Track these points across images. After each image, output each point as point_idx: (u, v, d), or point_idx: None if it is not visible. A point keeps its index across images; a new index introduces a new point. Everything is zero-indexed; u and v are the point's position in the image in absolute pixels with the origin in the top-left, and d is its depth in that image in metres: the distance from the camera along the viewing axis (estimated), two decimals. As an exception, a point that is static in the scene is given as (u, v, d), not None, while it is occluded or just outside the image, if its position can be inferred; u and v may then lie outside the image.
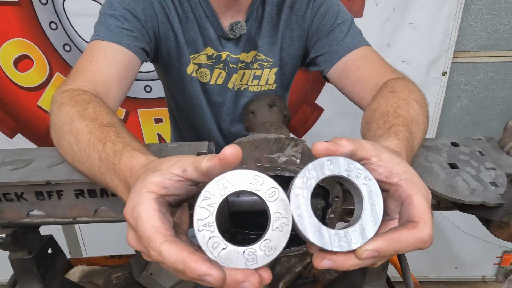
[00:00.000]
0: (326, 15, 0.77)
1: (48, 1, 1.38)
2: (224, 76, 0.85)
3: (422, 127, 0.52)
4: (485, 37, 1.53)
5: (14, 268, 0.63)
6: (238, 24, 0.78)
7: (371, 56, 0.73)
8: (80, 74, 0.62)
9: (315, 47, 0.79)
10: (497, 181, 0.51)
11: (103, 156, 0.43)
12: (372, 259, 0.31)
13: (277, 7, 0.80)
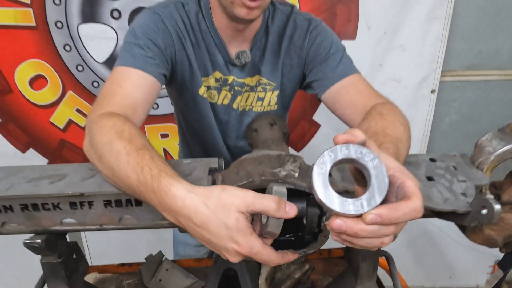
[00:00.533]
0: (321, 45, 0.87)
1: (63, 25, 1.48)
2: (230, 97, 0.95)
3: (406, 145, 0.61)
4: (471, 57, 1.64)
5: (45, 270, 0.70)
6: (244, 53, 0.88)
7: (360, 83, 0.83)
8: (111, 98, 0.70)
9: (311, 73, 0.89)
10: (466, 191, 0.60)
11: (141, 179, 0.52)
12: (377, 227, 0.37)
13: (278, 38, 0.90)
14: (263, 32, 0.90)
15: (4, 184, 0.62)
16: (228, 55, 0.89)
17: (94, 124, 0.64)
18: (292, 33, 0.89)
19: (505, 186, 0.75)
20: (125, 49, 0.79)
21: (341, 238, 0.41)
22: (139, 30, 0.80)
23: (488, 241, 0.70)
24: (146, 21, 0.82)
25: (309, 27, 0.88)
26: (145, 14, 0.84)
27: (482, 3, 1.54)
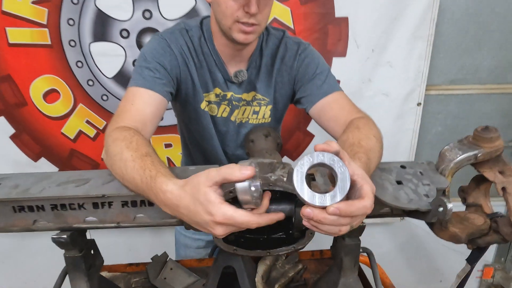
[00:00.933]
0: (309, 66, 0.99)
1: (76, 44, 1.61)
2: (228, 111, 1.06)
3: (377, 155, 0.72)
4: (453, 73, 1.77)
5: (67, 263, 0.80)
6: (241, 72, 1.00)
7: (342, 100, 0.94)
8: (125, 115, 0.82)
9: (300, 90, 1.01)
10: (429, 193, 0.71)
11: (143, 179, 0.63)
12: (336, 218, 0.49)
13: (271, 59, 1.02)
14: (258, 53, 1.02)
15: (37, 188, 0.73)
16: (227, 73, 1.01)
17: (109, 137, 0.75)
18: (284, 55, 1.01)
19: (470, 190, 0.86)
20: (137, 71, 0.91)
21: (310, 223, 0.52)
22: (149, 54, 0.93)
23: (453, 237, 0.81)
24: (154, 46, 0.94)
25: (298, 50, 1.00)
26: (154, 39, 0.96)
27: (461, 23, 1.67)
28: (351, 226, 0.52)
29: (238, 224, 0.53)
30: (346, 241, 0.83)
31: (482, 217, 0.82)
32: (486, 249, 0.85)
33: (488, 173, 0.76)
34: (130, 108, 0.84)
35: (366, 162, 0.65)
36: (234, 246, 0.78)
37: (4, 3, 1.52)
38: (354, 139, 0.73)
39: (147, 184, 0.61)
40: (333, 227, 0.51)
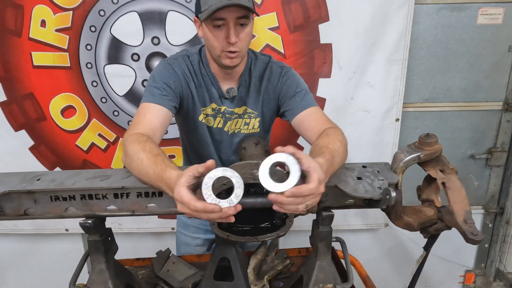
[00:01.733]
0: (291, 86, 1.19)
1: (92, 66, 1.83)
2: (222, 122, 1.26)
3: (340, 155, 0.91)
4: (427, 92, 1.98)
5: (90, 246, 0.97)
6: (232, 89, 1.21)
7: (317, 113, 1.14)
8: (138, 125, 1.02)
9: (284, 105, 1.21)
10: (382, 186, 0.89)
11: (156, 172, 0.82)
12: (292, 199, 0.67)
13: (259, 79, 1.23)
14: (248, 74, 1.22)
15: (70, 181, 0.92)
16: (221, 91, 1.21)
17: (127, 142, 0.95)
18: (270, 76, 1.22)
19: (423, 188, 1.04)
20: (147, 90, 1.12)
21: (276, 205, 0.70)
22: (157, 76, 1.14)
23: (407, 225, 0.98)
24: (162, 70, 1.16)
25: (281, 72, 1.21)
26: (161, 64, 1.18)
27: (432, 49, 1.89)
28: (307, 205, 0.70)
29: (184, 202, 0.69)
30: (320, 229, 0.99)
31: (433, 209, 1.00)
32: (438, 236, 1.02)
33: (431, 171, 0.95)
34: (142, 120, 1.04)
35: (329, 159, 0.84)
36: (227, 233, 0.95)
37: (31, 31, 1.75)
38: (323, 143, 0.93)
39: (158, 175, 0.80)
40: (292, 206, 0.69)
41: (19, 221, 2.12)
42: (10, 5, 1.71)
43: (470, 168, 2.13)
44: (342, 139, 0.98)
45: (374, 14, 1.76)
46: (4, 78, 1.84)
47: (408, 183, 1.05)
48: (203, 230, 1.49)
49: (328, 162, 0.83)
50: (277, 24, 1.78)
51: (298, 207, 0.70)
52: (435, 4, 1.82)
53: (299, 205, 0.70)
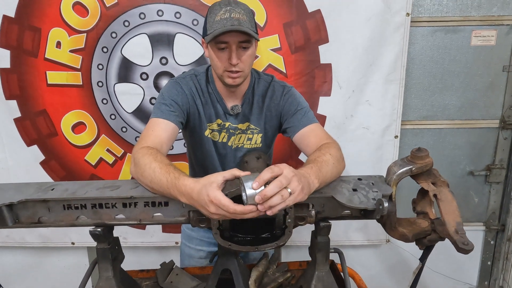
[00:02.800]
0: (292, 104, 1.26)
1: (103, 84, 1.92)
2: (227, 137, 1.32)
3: (330, 166, 0.97)
4: (425, 110, 2.04)
5: (98, 254, 1.02)
6: (236, 106, 1.28)
7: (317, 130, 1.20)
8: (147, 138, 1.09)
9: (285, 122, 1.27)
10: (376, 197, 0.94)
11: (169, 180, 0.88)
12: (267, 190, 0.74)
13: (262, 97, 1.30)
14: (251, 93, 1.30)
15: (82, 191, 0.98)
16: (226, 107, 1.28)
17: (138, 153, 1.01)
18: (272, 94, 1.29)
19: (417, 201, 1.08)
20: (156, 107, 1.20)
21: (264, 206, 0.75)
22: (166, 94, 1.22)
23: (402, 236, 1.02)
24: (170, 88, 1.24)
25: (283, 91, 1.28)
26: (170, 82, 1.26)
27: (428, 69, 1.97)
28: (290, 193, 0.76)
29: (222, 206, 0.76)
30: (318, 239, 1.04)
31: (427, 221, 1.04)
32: (432, 248, 1.05)
33: (424, 183, 0.99)
34: (151, 134, 1.11)
35: (316, 170, 0.92)
36: (229, 242, 1.00)
37: (47, 51, 1.86)
38: (313, 156, 1.02)
39: (172, 182, 0.87)
40: (274, 198, 0.75)
41: (27, 234, 2.17)
42: (29, 28, 1.82)
43: (469, 185, 2.16)
44: (333, 152, 1.04)
45: (372, 36, 1.84)
46: (19, 96, 1.93)
47: (408, 197, 1.09)
48: (207, 243, 1.53)
49: (316, 172, 0.91)
50: (279, 45, 1.87)
51: (282, 195, 0.75)
52: (430, 27, 1.91)
53: (280, 193, 0.75)
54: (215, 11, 1.11)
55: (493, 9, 1.88)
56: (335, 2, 1.80)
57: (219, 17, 1.09)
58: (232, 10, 1.09)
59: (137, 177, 0.99)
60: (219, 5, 1.12)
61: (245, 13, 1.12)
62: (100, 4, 1.79)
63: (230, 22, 1.07)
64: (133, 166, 1.02)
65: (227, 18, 1.08)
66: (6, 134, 1.99)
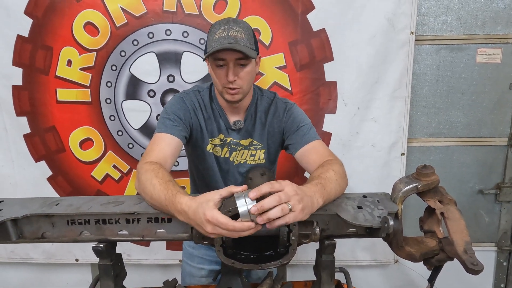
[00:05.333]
0: (294, 121, 1.27)
1: (111, 101, 1.95)
2: (229, 152, 1.32)
3: (333, 183, 0.97)
4: (431, 127, 2.02)
5: (100, 270, 1.01)
6: (239, 122, 1.29)
7: (319, 147, 1.20)
8: (151, 153, 1.10)
9: (288, 138, 1.28)
10: (381, 215, 0.93)
11: (167, 197, 0.88)
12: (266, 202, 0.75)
13: (264, 114, 1.31)
14: (254, 109, 1.30)
15: (86, 206, 0.98)
16: (228, 122, 1.29)
17: (141, 169, 1.02)
18: (275, 111, 1.30)
19: (424, 219, 1.06)
20: (160, 121, 1.22)
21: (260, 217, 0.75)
22: (169, 109, 1.24)
23: (409, 256, 0.99)
24: (174, 103, 1.26)
25: (286, 108, 1.29)
26: (174, 98, 1.28)
27: (434, 86, 1.97)
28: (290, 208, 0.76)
29: (220, 224, 0.76)
30: (323, 258, 1.02)
31: (435, 240, 1.01)
32: (441, 268, 1.02)
33: (430, 201, 0.97)
34: (155, 148, 1.12)
35: (320, 188, 0.91)
36: (232, 260, 0.98)
37: (58, 69, 1.91)
38: (316, 173, 1.01)
39: (169, 199, 0.86)
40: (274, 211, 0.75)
41: (31, 250, 2.17)
42: (41, 47, 1.88)
43: (479, 204, 2.12)
44: (336, 168, 1.03)
45: (376, 54, 1.86)
46: (29, 112, 1.97)
47: (414, 216, 1.07)
48: (208, 261, 1.51)
49: (320, 189, 0.90)
50: (284, 63, 1.89)
51: (281, 209, 0.75)
52: (435, 45, 1.92)
53: (280, 207, 0.75)
54: (215, 30, 1.14)
55: (497, 27, 1.89)
56: (340, 21, 1.83)
57: (217, 36, 1.11)
58: (230, 29, 1.12)
59: (140, 193, 1.00)
60: (218, 24, 1.15)
61: (244, 31, 1.14)
62: (110, 24, 1.84)
63: (227, 40, 1.09)
64: (137, 181, 1.02)
65: (225, 37, 1.10)
66: (15, 150, 2.02)
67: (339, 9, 1.81)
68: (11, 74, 1.91)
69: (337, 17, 1.82)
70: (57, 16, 1.84)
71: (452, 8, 1.88)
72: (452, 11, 1.88)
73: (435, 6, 1.88)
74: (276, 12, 1.83)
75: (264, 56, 1.87)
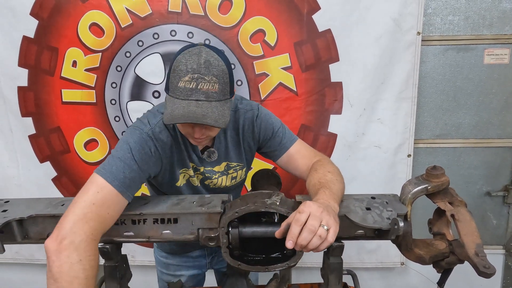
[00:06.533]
0: (266, 128, 1.14)
1: (116, 102, 1.95)
2: (203, 179, 1.17)
3: (336, 184, 0.95)
4: (438, 128, 2.00)
5: (105, 271, 1.01)
6: (214, 153, 1.11)
7: (302, 149, 1.15)
8: (97, 218, 0.87)
9: (265, 146, 1.17)
10: (390, 217, 0.91)
11: None
12: (294, 228, 0.73)
13: (234, 131, 1.14)
14: (222, 131, 1.11)
15: None
16: (199, 152, 1.12)
17: (66, 258, 0.79)
18: (243, 124, 1.14)
19: (433, 221, 1.05)
20: (115, 162, 0.94)
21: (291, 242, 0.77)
22: (135, 151, 0.97)
23: (419, 258, 0.97)
24: (141, 146, 0.98)
25: (253, 118, 1.13)
26: (141, 139, 0.99)
27: (441, 87, 1.95)
28: (327, 230, 0.75)
29: None
30: (331, 260, 1.00)
31: (445, 243, 1.00)
32: (451, 271, 1.01)
33: (440, 203, 0.96)
34: (104, 213, 0.88)
35: (328, 193, 0.89)
36: (238, 262, 0.97)
37: (63, 70, 1.91)
38: (315, 180, 0.98)
39: None
40: (313, 242, 0.75)
41: (36, 251, 2.17)
42: (47, 48, 1.88)
43: (487, 206, 2.09)
44: (330, 168, 1.03)
45: (382, 55, 1.84)
46: (35, 113, 1.98)
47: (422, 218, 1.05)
48: (185, 267, 1.44)
49: (330, 195, 0.88)
50: (289, 64, 1.88)
51: (319, 236, 0.75)
52: (441, 46, 1.91)
53: (318, 234, 0.75)
54: (180, 72, 0.92)
55: (505, 28, 1.87)
56: (346, 21, 1.81)
57: (183, 84, 0.91)
58: (201, 79, 0.90)
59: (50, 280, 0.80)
60: (185, 65, 0.91)
61: (217, 79, 0.92)
62: (115, 24, 1.84)
63: (195, 96, 0.90)
64: (54, 267, 0.80)
65: (192, 90, 0.90)
66: (20, 151, 2.03)
67: (345, 10, 1.80)
68: (17, 75, 1.92)
69: (343, 17, 1.81)
70: (62, 17, 1.84)
71: (459, 8, 1.86)
72: (459, 11, 1.86)
73: (442, 6, 1.86)
74: (281, 12, 1.82)
75: (269, 57, 1.86)
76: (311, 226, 0.73)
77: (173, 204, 1.00)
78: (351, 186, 1.33)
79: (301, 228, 0.75)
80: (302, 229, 0.74)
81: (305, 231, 0.73)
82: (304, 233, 0.73)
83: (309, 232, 0.73)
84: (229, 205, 0.96)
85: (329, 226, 0.75)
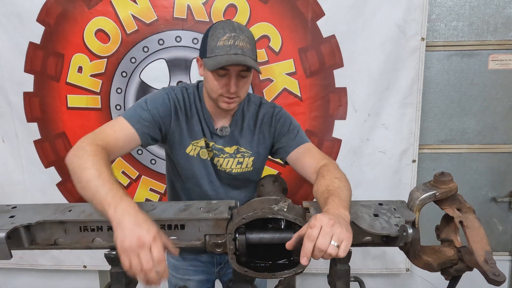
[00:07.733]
0: (284, 124, 1.22)
1: (121, 107, 1.96)
2: (211, 156, 1.23)
3: (344, 190, 0.94)
4: (443, 134, 2.00)
5: (112, 277, 1.00)
6: (226, 128, 1.20)
7: (311, 150, 1.17)
8: (104, 136, 1.01)
9: (278, 142, 1.23)
10: (398, 223, 0.91)
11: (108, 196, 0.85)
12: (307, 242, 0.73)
13: (253, 120, 1.24)
14: (240, 115, 1.23)
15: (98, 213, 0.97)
16: (213, 127, 1.20)
17: (83, 150, 0.93)
18: (263, 116, 1.23)
19: (441, 228, 1.04)
20: (134, 108, 1.11)
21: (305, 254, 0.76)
22: (149, 100, 1.12)
23: (427, 265, 0.97)
24: (157, 96, 1.14)
25: (274, 112, 1.23)
26: (159, 91, 1.18)
27: (445, 93, 1.95)
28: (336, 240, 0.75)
29: None
30: (338, 267, 1.00)
31: (453, 249, 0.99)
32: (459, 278, 1.00)
33: (448, 209, 0.95)
34: (110, 134, 1.03)
35: (338, 201, 0.88)
36: (245, 268, 0.97)
37: (69, 76, 1.92)
38: (322, 187, 0.97)
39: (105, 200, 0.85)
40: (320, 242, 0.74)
41: (39, 256, 2.16)
42: (53, 53, 1.90)
43: (492, 212, 2.08)
44: (337, 174, 1.02)
45: (387, 60, 1.85)
46: (40, 119, 1.99)
47: (429, 224, 1.05)
48: (193, 271, 1.44)
49: (340, 203, 0.87)
50: (294, 69, 1.89)
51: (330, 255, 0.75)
52: (446, 51, 1.91)
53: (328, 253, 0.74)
54: (218, 35, 1.05)
55: (509, 33, 1.87)
56: (350, 27, 1.82)
57: (222, 43, 1.04)
58: (237, 37, 1.04)
59: (73, 171, 0.92)
60: (222, 29, 1.06)
61: (249, 40, 1.07)
62: (121, 31, 1.85)
63: (234, 51, 1.03)
64: (74, 156, 0.93)
65: (231, 46, 1.03)
66: (26, 156, 2.03)
67: (349, 16, 1.81)
68: (23, 80, 1.93)
69: (347, 23, 1.82)
70: (68, 24, 1.86)
71: (463, 14, 1.86)
72: (463, 17, 1.87)
73: (446, 12, 1.87)
74: (286, 18, 1.83)
75: (273, 63, 1.87)
76: (321, 244, 0.73)
77: (180, 210, 0.99)
78: (356, 192, 1.32)
79: (314, 244, 0.75)
80: (314, 247, 0.74)
81: (316, 250, 0.73)
82: (315, 251, 0.74)
83: (319, 251, 0.73)
84: (236, 211, 0.96)
85: (340, 240, 0.74)
